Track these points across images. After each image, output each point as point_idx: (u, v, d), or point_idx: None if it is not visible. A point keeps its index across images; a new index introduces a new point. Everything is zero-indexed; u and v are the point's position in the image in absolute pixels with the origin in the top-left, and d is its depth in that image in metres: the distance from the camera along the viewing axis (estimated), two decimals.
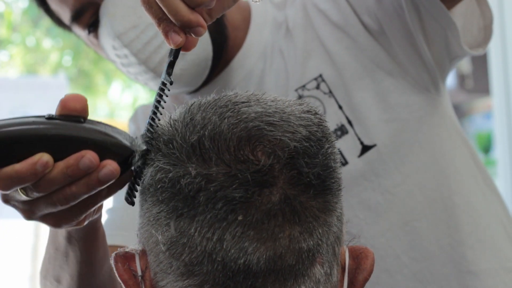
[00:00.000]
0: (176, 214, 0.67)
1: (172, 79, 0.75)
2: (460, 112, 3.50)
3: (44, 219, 0.74)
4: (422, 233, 1.15)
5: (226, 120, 0.68)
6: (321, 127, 0.70)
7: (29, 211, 0.73)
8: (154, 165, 0.69)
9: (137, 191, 0.73)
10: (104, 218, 1.24)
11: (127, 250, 0.73)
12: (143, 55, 1.13)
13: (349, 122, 1.15)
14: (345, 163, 1.14)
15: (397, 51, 1.15)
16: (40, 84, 6.00)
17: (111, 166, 0.69)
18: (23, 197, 0.71)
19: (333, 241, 0.70)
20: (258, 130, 0.67)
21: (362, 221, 1.15)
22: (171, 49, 0.75)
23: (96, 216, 0.84)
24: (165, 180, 0.68)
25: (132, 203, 0.74)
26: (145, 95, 6.53)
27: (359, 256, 0.74)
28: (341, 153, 1.14)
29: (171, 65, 0.75)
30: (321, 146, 0.69)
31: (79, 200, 0.71)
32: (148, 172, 0.70)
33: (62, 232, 0.91)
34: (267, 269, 0.66)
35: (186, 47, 0.74)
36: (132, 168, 0.72)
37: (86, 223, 0.78)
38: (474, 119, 3.34)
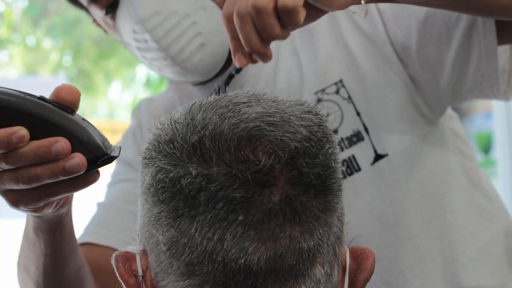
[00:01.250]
0: (177, 214, 0.67)
1: (226, 91, 0.79)
2: (460, 112, 3.50)
3: (5, 194, 0.78)
4: (422, 249, 1.16)
5: (226, 120, 0.68)
6: (321, 127, 0.70)
7: None
8: (155, 165, 0.69)
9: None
10: (94, 211, 1.25)
11: (128, 250, 0.73)
12: (165, 42, 1.14)
13: (366, 130, 1.15)
14: (358, 169, 1.15)
15: (416, 70, 1.15)
16: (40, 84, 6.00)
17: (79, 159, 0.72)
18: None
19: (333, 241, 0.70)
20: (258, 130, 0.67)
21: (369, 231, 1.15)
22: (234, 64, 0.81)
23: (61, 211, 0.86)
24: (166, 180, 0.68)
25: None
26: (145, 95, 6.52)
27: (359, 257, 0.74)
28: (355, 160, 1.15)
29: (230, 77, 0.84)
30: (321, 146, 0.69)
31: (40, 184, 0.74)
32: (149, 172, 0.70)
33: (31, 222, 0.93)
34: (267, 269, 0.66)
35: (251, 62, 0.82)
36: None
37: (43, 212, 0.81)
38: (474, 119, 3.33)
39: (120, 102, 7.27)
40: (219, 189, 0.66)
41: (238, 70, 0.81)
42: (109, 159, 0.74)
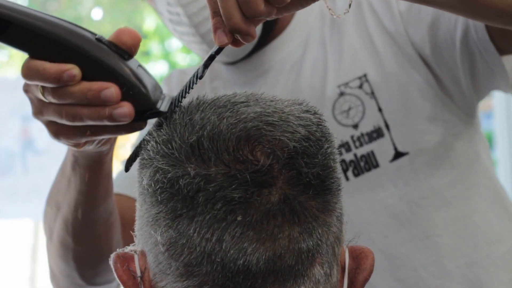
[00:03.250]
0: (175, 215, 0.67)
1: (204, 74, 0.76)
2: None
3: (48, 124, 0.76)
4: (443, 249, 1.15)
5: (225, 120, 0.68)
6: (320, 127, 0.70)
7: (38, 110, 0.75)
8: (153, 165, 0.69)
9: (134, 160, 0.75)
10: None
11: (126, 250, 0.73)
12: (196, 19, 1.14)
13: (387, 126, 1.14)
14: (376, 165, 1.14)
15: (437, 70, 1.15)
16: None
17: (127, 108, 0.71)
18: (40, 95, 0.73)
19: (332, 241, 0.70)
20: (257, 130, 0.67)
21: (384, 227, 1.15)
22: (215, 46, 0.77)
23: (103, 148, 0.85)
24: (164, 181, 0.68)
25: (127, 169, 0.76)
26: None
27: (359, 256, 0.73)
28: (373, 156, 1.14)
29: (211, 58, 0.76)
30: (320, 146, 0.69)
31: (84, 124, 0.73)
32: (147, 173, 0.70)
33: (70, 156, 0.92)
34: (266, 270, 0.66)
35: (233, 44, 0.76)
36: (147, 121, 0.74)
37: (84, 147, 0.80)
38: None
39: None
40: (217, 189, 0.66)
41: (218, 51, 0.75)
42: (156, 114, 0.73)
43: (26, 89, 0.76)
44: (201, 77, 0.75)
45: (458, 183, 1.17)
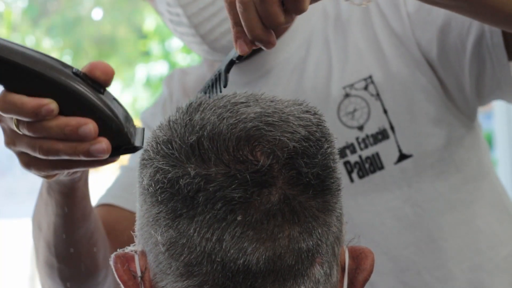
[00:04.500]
0: (175, 215, 0.67)
1: (227, 81, 0.77)
2: None
3: (20, 154, 0.77)
4: (447, 253, 1.15)
5: (225, 120, 0.68)
6: (320, 127, 0.70)
7: (11, 140, 0.75)
8: (153, 165, 0.69)
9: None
10: (117, 174, 1.24)
11: (126, 250, 0.73)
12: (196, 20, 1.14)
13: (392, 128, 1.14)
14: (381, 167, 1.14)
15: (442, 74, 1.14)
16: None
17: (105, 144, 0.72)
18: (13, 127, 0.73)
19: (332, 241, 0.70)
20: (257, 130, 0.67)
21: (388, 230, 1.15)
22: (236, 51, 0.79)
23: (75, 176, 0.86)
24: (164, 181, 0.68)
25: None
26: (145, 95, 6.53)
27: (358, 256, 0.73)
28: (378, 157, 1.14)
29: (231, 63, 0.80)
30: (320, 146, 0.69)
31: (57, 158, 0.73)
32: (147, 173, 0.70)
33: (45, 182, 0.93)
34: (266, 270, 0.66)
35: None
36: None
37: (57, 178, 0.81)
38: None
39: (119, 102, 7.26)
40: (217, 189, 0.66)
41: (239, 57, 0.79)
42: (132, 149, 0.74)
43: (0, 119, 0.75)
44: (225, 86, 0.77)
45: (462, 187, 1.17)
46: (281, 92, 1.15)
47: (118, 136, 0.73)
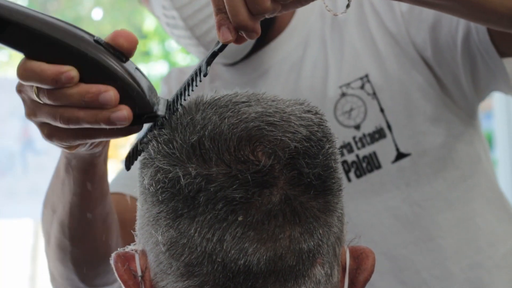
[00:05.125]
0: (176, 215, 0.67)
1: (208, 71, 0.75)
2: None
3: (41, 125, 0.75)
4: (446, 252, 1.15)
5: (226, 120, 0.68)
6: (321, 127, 0.70)
7: (32, 111, 0.73)
8: (154, 165, 0.69)
9: (136, 159, 0.74)
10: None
11: (127, 250, 0.73)
12: (192, 22, 1.14)
13: (389, 127, 1.14)
14: (378, 167, 1.14)
15: (438, 72, 1.14)
16: None
17: (126, 112, 0.69)
18: (34, 96, 0.71)
19: (333, 242, 0.70)
20: (258, 130, 0.67)
21: (387, 229, 1.15)
22: (218, 41, 0.76)
23: (96, 150, 0.84)
24: (165, 181, 0.68)
25: (128, 168, 0.75)
26: None
27: (359, 256, 0.73)
28: (376, 157, 1.14)
29: (213, 55, 0.76)
30: (321, 146, 0.69)
31: (79, 126, 0.71)
32: (148, 172, 0.70)
33: (62, 158, 0.91)
34: (267, 270, 0.66)
35: (236, 41, 0.76)
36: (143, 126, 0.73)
37: (80, 150, 0.79)
38: None
39: None
40: (218, 189, 0.66)
41: (221, 48, 0.75)
42: (154, 117, 0.72)
43: (20, 89, 0.74)
44: (205, 75, 0.75)
45: (460, 185, 1.17)
46: (279, 91, 1.14)
47: (140, 104, 0.71)
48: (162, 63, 5.56)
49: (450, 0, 0.86)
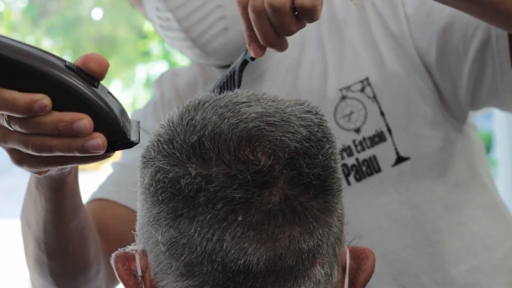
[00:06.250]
0: (176, 215, 0.67)
1: (241, 81, 0.79)
2: None
3: (10, 152, 0.74)
4: (446, 256, 1.15)
5: (226, 120, 0.68)
6: (321, 127, 0.70)
7: (1, 137, 0.72)
8: (154, 165, 0.69)
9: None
10: (109, 171, 1.22)
11: (127, 250, 0.73)
12: (186, 23, 1.12)
13: (389, 130, 1.13)
14: (378, 170, 1.13)
15: (437, 77, 1.14)
16: None
17: (101, 140, 0.69)
18: (4, 123, 0.70)
19: (333, 242, 0.70)
20: (258, 131, 0.67)
21: (386, 233, 1.14)
22: (247, 51, 0.83)
23: (63, 171, 0.83)
24: (165, 181, 0.68)
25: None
26: (145, 95, 6.53)
27: (359, 257, 0.73)
28: (375, 160, 1.13)
29: (245, 63, 0.82)
30: (321, 146, 0.69)
31: (51, 154, 0.70)
32: (148, 172, 0.70)
33: (33, 177, 0.90)
34: (267, 270, 0.66)
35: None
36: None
37: (48, 174, 0.78)
38: (475, 120, 3.33)
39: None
40: (218, 189, 0.66)
41: (253, 58, 0.82)
42: (128, 144, 0.71)
43: None
44: (239, 86, 0.78)
45: (456, 189, 1.16)
46: (276, 94, 1.14)
47: (114, 131, 0.70)
48: (162, 63, 5.57)
49: (466, 1, 0.86)
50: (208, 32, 1.12)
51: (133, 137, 0.72)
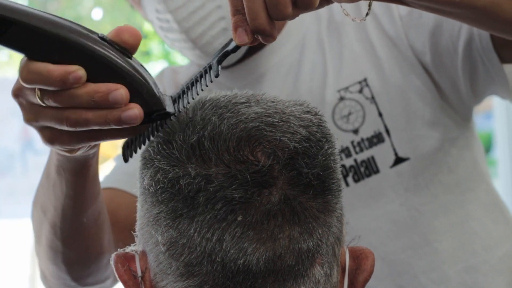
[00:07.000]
0: (176, 215, 0.67)
1: (219, 72, 0.73)
2: None
3: (42, 130, 0.71)
4: (443, 255, 1.15)
5: (225, 120, 0.68)
6: (321, 127, 0.70)
7: (33, 116, 0.70)
8: (154, 165, 0.69)
9: (135, 151, 0.71)
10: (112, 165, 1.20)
11: (127, 250, 0.73)
12: (187, 24, 1.12)
13: (387, 131, 1.13)
14: (376, 171, 1.13)
15: (437, 79, 1.14)
16: None
17: (137, 110, 0.66)
18: (36, 100, 0.68)
19: (333, 242, 0.70)
20: (257, 131, 0.67)
21: (384, 234, 1.14)
22: (231, 40, 0.74)
23: (90, 152, 0.80)
24: (165, 181, 0.68)
25: (126, 160, 0.72)
26: None
27: (359, 257, 0.74)
28: (374, 161, 1.13)
29: (225, 55, 0.73)
30: (321, 146, 0.69)
31: (87, 128, 0.68)
32: (148, 173, 0.70)
33: (54, 160, 0.87)
34: (266, 270, 0.66)
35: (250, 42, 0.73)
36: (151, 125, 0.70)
37: (77, 153, 0.76)
38: (475, 119, 3.33)
39: None
40: (218, 189, 0.66)
41: (235, 49, 0.73)
42: (164, 115, 0.69)
43: (17, 94, 0.70)
44: (217, 76, 0.73)
45: (455, 188, 1.16)
46: (276, 95, 1.13)
47: (150, 101, 0.68)
48: (162, 63, 5.56)
49: (462, 8, 0.86)
50: (208, 33, 1.12)
51: (168, 108, 0.69)
